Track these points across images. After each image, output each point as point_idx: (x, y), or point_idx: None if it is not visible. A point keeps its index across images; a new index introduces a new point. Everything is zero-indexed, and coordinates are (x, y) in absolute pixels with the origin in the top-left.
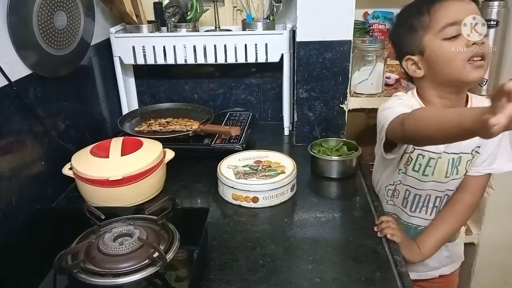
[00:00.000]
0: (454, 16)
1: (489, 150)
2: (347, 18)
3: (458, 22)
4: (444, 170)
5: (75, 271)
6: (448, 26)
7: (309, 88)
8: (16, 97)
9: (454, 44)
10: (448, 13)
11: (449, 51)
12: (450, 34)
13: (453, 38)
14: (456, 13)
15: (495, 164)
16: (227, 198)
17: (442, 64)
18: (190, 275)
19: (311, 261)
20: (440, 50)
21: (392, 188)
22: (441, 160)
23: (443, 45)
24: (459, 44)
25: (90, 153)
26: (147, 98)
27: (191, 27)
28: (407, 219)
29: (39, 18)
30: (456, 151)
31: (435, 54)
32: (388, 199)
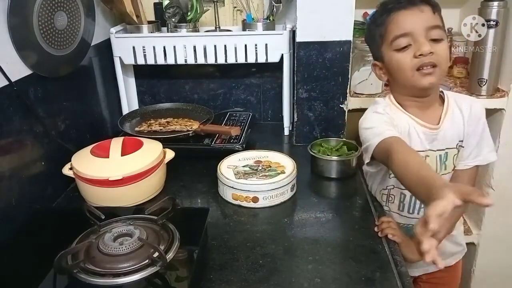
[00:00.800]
0: (403, 28)
1: (473, 142)
2: (347, 18)
3: (407, 34)
4: (434, 168)
5: (75, 271)
6: (397, 38)
7: (309, 88)
8: (16, 97)
9: (402, 56)
10: (398, 25)
11: (400, 61)
12: (399, 45)
13: (403, 49)
14: (404, 24)
15: (481, 156)
16: (227, 198)
17: (396, 72)
18: (190, 275)
19: (311, 261)
20: (392, 60)
21: (386, 193)
22: (429, 158)
23: (394, 56)
24: (406, 55)
25: (90, 153)
26: (147, 98)
27: (191, 27)
28: (406, 222)
29: (40, 18)
30: (441, 147)
31: (390, 63)
32: (384, 203)
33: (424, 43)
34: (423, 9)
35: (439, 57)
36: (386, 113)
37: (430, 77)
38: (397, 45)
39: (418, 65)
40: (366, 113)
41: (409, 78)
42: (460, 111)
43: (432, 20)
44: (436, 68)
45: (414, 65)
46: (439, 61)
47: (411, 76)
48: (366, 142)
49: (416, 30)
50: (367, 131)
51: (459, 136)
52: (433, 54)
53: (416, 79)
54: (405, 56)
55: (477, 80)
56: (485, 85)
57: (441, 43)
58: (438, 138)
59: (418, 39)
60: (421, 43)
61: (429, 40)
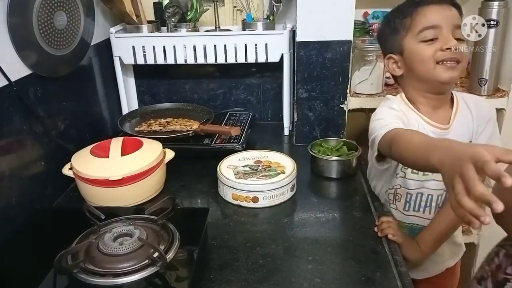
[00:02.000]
0: (432, 21)
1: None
2: (347, 18)
3: (435, 27)
4: None
5: (75, 271)
6: (425, 29)
7: (309, 88)
8: (16, 97)
9: (429, 47)
10: (427, 17)
11: (424, 52)
12: (426, 37)
13: (429, 41)
14: (434, 18)
15: None
16: (227, 198)
17: (417, 64)
18: (190, 275)
19: (311, 261)
20: (416, 51)
21: (392, 192)
22: None
23: (419, 46)
24: (433, 47)
25: (90, 153)
26: (147, 98)
27: (191, 27)
28: (412, 221)
29: (39, 18)
30: None
31: (412, 54)
32: (391, 202)
33: (451, 38)
34: (451, 8)
35: (462, 55)
36: (401, 109)
37: (452, 71)
38: (423, 36)
39: (442, 58)
40: (379, 108)
41: (430, 70)
42: (469, 110)
43: (458, 20)
44: (459, 65)
45: (438, 57)
46: (462, 57)
47: (433, 69)
48: (373, 134)
49: (445, 25)
50: (375, 122)
51: (469, 136)
52: (457, 51)
53: (437, 72)
54: (431, 48)
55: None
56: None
57: (464, 43)
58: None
59: (446, 34)
60: (449, 38)
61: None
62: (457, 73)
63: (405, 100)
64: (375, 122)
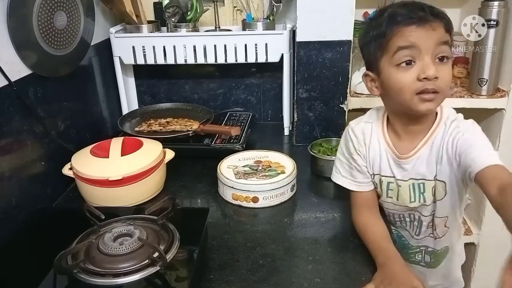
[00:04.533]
0: (408, 40)
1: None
2: (347, 18)
3: (412, 47)
4: (407, 196)
5: (75, 271)
6: (400, 49)
7: (309, 88)
8: (16, 97)
9: (405, 75)
10: (403, 37)
11: (400, 81)
12: (401, 59)
13: (405, 65)
14: (411, 37)
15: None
16: (227, 198)
17: (393, 91)
18: (190, 275)
19: (311, 261)
20: (391, 78)
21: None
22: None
23: (395, 73)
24: (409, 76)
25: (90, 153)
26: (147, 98)
27: (191, 27)
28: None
29: (39, 18)
30: (414, 176)
31: (388, 80)
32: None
33: (429, 64)
34: (436, 27)
35: (442, 83)
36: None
37: (429, 103)
38: (398, 58)
39: (420, 90)
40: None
41: (407, 101)
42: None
43: (443, 35)
44: (438, 95)
45: (416, 88)
46: (442, 88)
47: (409, 99)
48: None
49: (424, 46)
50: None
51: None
52: (437, 80)
53: (414, 103)
54: (406, 77)
55: (477, 80)
56: (485, 85)
57: (447, 64)
58: (407, 168)
59: (424, 58)
60: (427, 64)
61: (435, 60)
62: (436, 105)
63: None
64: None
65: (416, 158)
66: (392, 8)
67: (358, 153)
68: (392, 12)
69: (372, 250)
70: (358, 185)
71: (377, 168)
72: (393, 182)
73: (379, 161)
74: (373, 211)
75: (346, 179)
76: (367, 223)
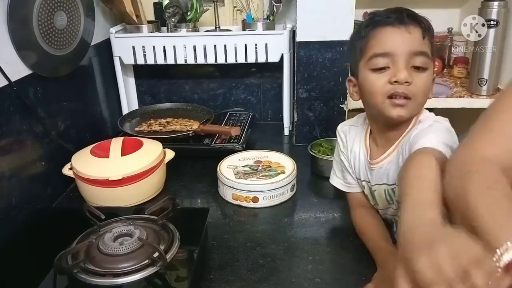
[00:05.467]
0: (384, 47)
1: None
2: (347, 18)
3: (387, 54)
4: (384, 199)
5: (75, 271)
6: (375, 56)
7: (309, 88)
8: (16, 97)
9: (378, 78)
10: (380, 42)
11: (373, 83)
12: (376, 65)
13: (380, 70)
14: (386, 43)
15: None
16: (227, 198)
17: (367, 94)
18: (190, 275)
19: (311, 261)
20: (365, 80)
21: None
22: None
23: (369, 76)
24: (381, 78)
25: (90, 153)
26: (147, 98)
27: (191, 27)
28: None
29: (39, 18)
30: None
31: (363, 82)
32: None
33: (402, 69)
34: (411, 31)
35: (415, 89)
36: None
37: (400, 109)
38: (374, 64)
39: (390, 93)
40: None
41: (378, 104)
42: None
43: (419, 44)
44: (410, 101)
45: (386, 91)
46: (414, 93)
47: (381, 103)
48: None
49: (398, 52)
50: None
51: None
52: (410, 85)
53: (385, 106)
54: (379, 79)
55: (477, 80)
56: (485, 85)
57: (424, 73)
58: (377, 173)
59: (398, 63)
60: (399, 69)
61: (410, 67)
62: (407, 111)
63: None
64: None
65: (386, 163)
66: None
67: (344, 155)
68: (372, 14)
69: (371, 250)
70: (348, 187)
71: (357, 172)
72: (369, 188)
73: (358, 165)
74: (369, 210)
75: (339, 180)
76: (365, 222)
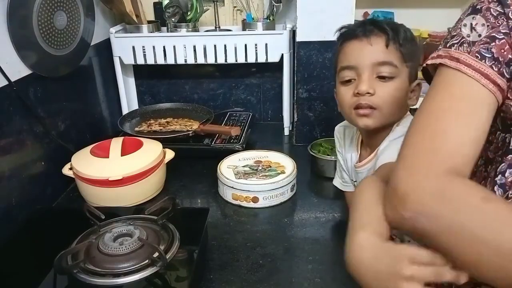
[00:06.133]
0: (348, 60)
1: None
2: (347, 18)
3: (351, 67)
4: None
5: (75, 271)
6: (342, 69)
7: (309, 88)
8: (16, 97)
9: (346, 90)
10: (346, 55)
11: (342, 96)
12: (344, 77)
13: (347, 83)
14: (350, 56)
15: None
16: (227, 198)
17: (339, 106)
18: (190, 275)
19: (311, 261)
20: (338, 92)
21: None
22: None
23: (339, 88)
24: (348, 91)
25: (90, 153)
26: (147, 98)
27: (191, 27)
28: None
29: (39, 18)
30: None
31: (337, 95)
32: None
33: (363, 81)
34: (373, 42)
35: (379, 99)
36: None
37: (366, 119)
38: (342, 77)
39: (355, 105)
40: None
41: (347, 115)
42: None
43: (381, 55)
44: (375, 111)
45: (352, 103)
46: (378, 103)
47: (349, 114)
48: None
49: (361, 65)
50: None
51: None
52: (373, 95)
53: (353, 117)
54: (347, 91)
55: None
56: None
57: (389, 82)
58: (361, 176)
59: (361, 75)
60: (361, 81)
61: (376, 77)
62: (373, 121)
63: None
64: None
65: (368, 168)
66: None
67: (340, 154)
68: (343, 27)
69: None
70: (344, 186)
71: (350, 173)
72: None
73: (350, 166)
74: None
75: (339, 180)
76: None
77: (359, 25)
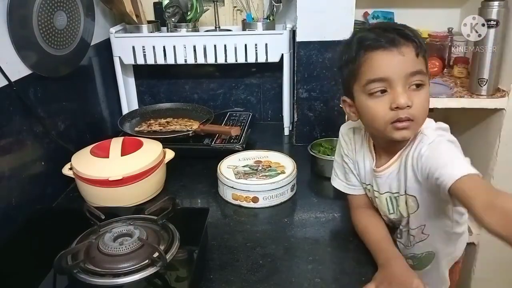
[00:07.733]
0: (379, 72)
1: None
2: (347, 18)
3: (382, 79)
4: (385, 207)
5: (75, 271)
6: (370, 82)
7: (309, 88)
8: (16, 97)
9: (377, 104)
10: (373, 68)
11: (373, 110)
12: (373, 90)
13: (378, 96)
14: (380, 68)
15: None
16: (227, 198)
17: (366, 120)
18: (190, 275)
19: (311, 261)
20: (364, 106)
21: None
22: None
23: (367, 101)
24: (381, 105)
25: (90, 153)
26: (147, 98)
27: (191, 27)
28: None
29: (39, 18)
30: (388, 189)
31: (361, 108)
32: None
33: (401, 94)
34: (404, 52)
35: (416, 111)
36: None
37: (405, 131)
38: (370, 89)
39: (393, 120)
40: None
41: (381, 129)
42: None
43: (413, 64)
44: (413, 122)
45: (390, 118)
46: (415, 115)
47: (383, 128)
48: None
49: (394, 76)
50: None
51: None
52: (411, 108)
53: (388, 131)
54: (379, 105)
55: (477, 80)
56: (486, 85)
57: (421, 90)
58: (380, 181)
59: (395, 88)
60: (398, 94)
61: (408, 88)
62: (411, 132)
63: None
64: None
65: (388, 173)
66: (362, 32)
67: (348, 157)
68: (361, 36)
69: (373, 251)
70: (353, 189)
71: (362, 176)
72: (373, 192)
73: (364, 169)
74: (371, 211)
75: (342, 182)
76: (367, 224)
77: (382, 32)
